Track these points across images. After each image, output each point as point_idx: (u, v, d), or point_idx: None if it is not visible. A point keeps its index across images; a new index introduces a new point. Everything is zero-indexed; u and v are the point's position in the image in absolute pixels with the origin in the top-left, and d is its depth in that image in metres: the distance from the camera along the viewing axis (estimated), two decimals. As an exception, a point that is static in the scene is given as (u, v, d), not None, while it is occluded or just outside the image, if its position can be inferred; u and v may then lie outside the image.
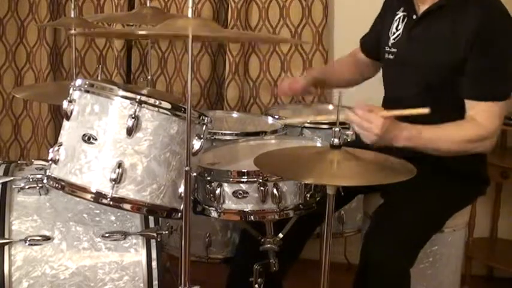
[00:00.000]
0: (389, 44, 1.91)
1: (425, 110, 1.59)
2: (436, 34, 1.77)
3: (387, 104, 1.92)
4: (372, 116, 1.61)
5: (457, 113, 1.73)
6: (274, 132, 2.12)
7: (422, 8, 1.82)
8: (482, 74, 1.71)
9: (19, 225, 1.59)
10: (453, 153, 1.73)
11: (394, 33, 1.90)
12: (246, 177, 1.61)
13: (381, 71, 2.03)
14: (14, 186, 1.66)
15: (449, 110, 1.73)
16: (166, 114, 1.51)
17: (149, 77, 2.63)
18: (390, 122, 1.62)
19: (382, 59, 1.98)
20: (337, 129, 1.40)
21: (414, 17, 1.84)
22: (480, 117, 1.71)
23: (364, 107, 1.62)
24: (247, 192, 1.61)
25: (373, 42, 2.08)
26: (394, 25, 1.91)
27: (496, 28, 1.69)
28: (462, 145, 1.71)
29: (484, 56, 1.69)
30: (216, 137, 2.07)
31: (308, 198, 1.66)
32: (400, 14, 1.90)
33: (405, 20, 1.87)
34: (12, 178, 1.69)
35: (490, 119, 1.71)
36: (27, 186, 1.65)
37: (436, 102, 1.61)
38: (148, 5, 2.39)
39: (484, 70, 1.70)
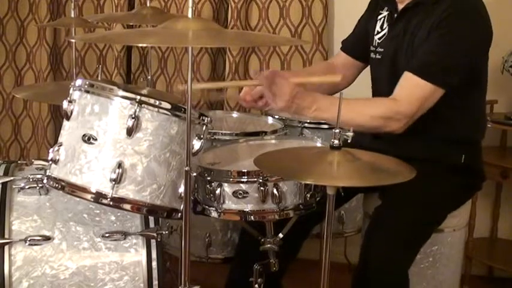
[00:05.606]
0: (375, 44, 1.92)
1: (337, 78, 1.60)
2: (412, 30, 1.78)
3: None
4: (281, 81, 1.63)
5: (449, 109, 1.72)
6: (274, 132, 2.12)
7: (400, 6, 1.85)
8: (430, 55, 1.70)
9: (19, 225, 1.59)
10: (364, 128, 1.71)
11: (378, 33, 1.91)
12: (246, 177, 1.61)
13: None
14: (14, 186, 1.66)
15: (441, 106, 1.72)
16: (166, 114, 1.51)
17: (149, 77, 2.63)
18: (301, 91, 1.63)
19: (370, 60, 1.97)
20: (337, 130, 1.40)
21: (395, 15, 1.86)
22: (404, 91, 1.69)
23: (276, 72, 1.65)
24: (247, 192, 1.61)
25: (354, 41, 2.08)
26: (378, 24, 1.93)
27: (458, 19, 1.70)
28: (372, 120, 1.69)
29: (439, 41, 1.69)
30: (216, 137, 2.07)
31: (308, 198, 1.66)
32: (385, 13, 1.92)
33: (389, 19, 1.89)
34: (12, 178, 1.68)
35: (413, 100, 1.68)
36: (27, 186, 1.65)
37: None
38: (148, 5, 2.40)
39: (433, 52, 1.70)
